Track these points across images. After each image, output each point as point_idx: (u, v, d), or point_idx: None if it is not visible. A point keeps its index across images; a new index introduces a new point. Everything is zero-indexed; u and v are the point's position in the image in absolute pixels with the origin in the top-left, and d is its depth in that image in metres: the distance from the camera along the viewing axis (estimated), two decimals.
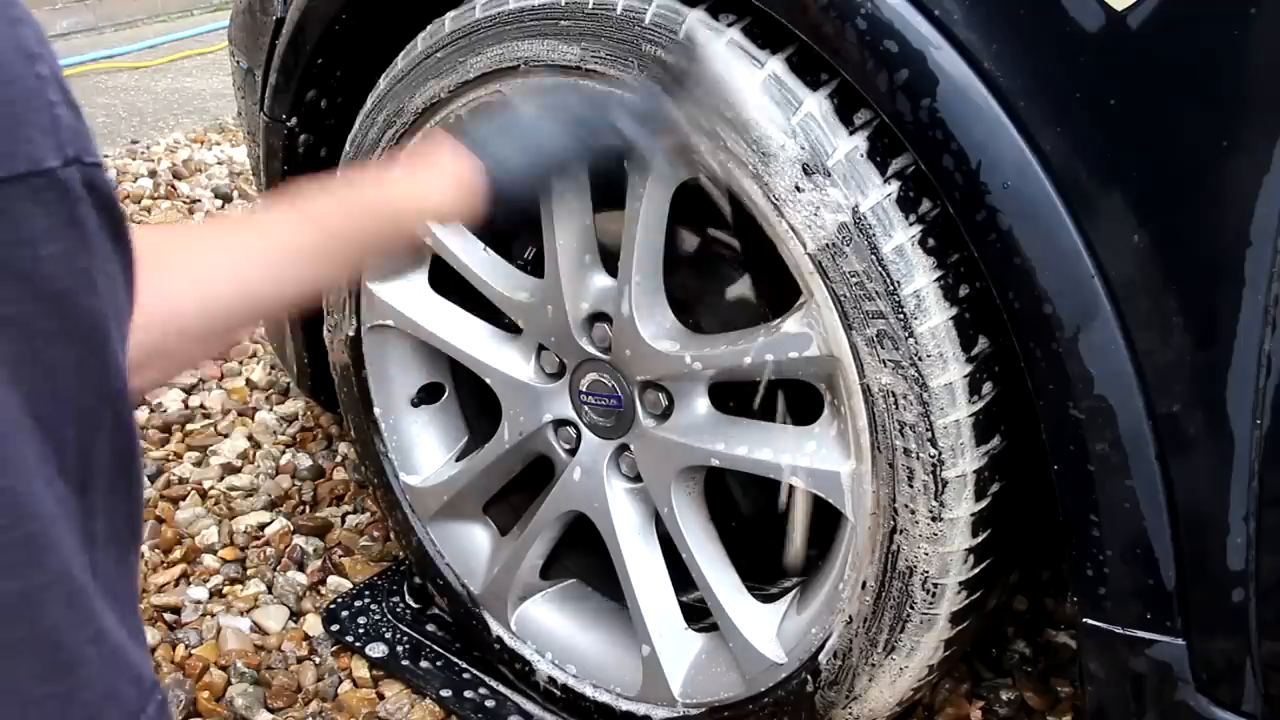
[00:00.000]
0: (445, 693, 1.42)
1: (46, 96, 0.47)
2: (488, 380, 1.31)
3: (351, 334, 1.40)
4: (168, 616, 1.58)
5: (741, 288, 1.20)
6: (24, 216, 0.46)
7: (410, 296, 1.34)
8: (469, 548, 1.43)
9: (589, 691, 1.32)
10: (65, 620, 0.50)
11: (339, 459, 1.93)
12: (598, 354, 1.19)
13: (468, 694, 1.42)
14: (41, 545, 0.49)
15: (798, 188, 0.94)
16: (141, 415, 2.05)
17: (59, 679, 0.50)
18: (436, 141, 0.96)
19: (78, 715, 0.52)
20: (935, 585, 0.99)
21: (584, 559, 1.38)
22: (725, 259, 1.20)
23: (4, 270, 0.46)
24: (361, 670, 1.48)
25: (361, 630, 1.52)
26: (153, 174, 3.19)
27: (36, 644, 0.49)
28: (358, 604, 1.57)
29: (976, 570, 1.00)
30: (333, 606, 1.57)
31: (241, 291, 0.79)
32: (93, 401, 0.51)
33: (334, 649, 1.51)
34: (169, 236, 0.86)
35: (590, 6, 1.03)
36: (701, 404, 1.14)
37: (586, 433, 1.25)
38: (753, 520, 1.30)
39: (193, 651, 1.51)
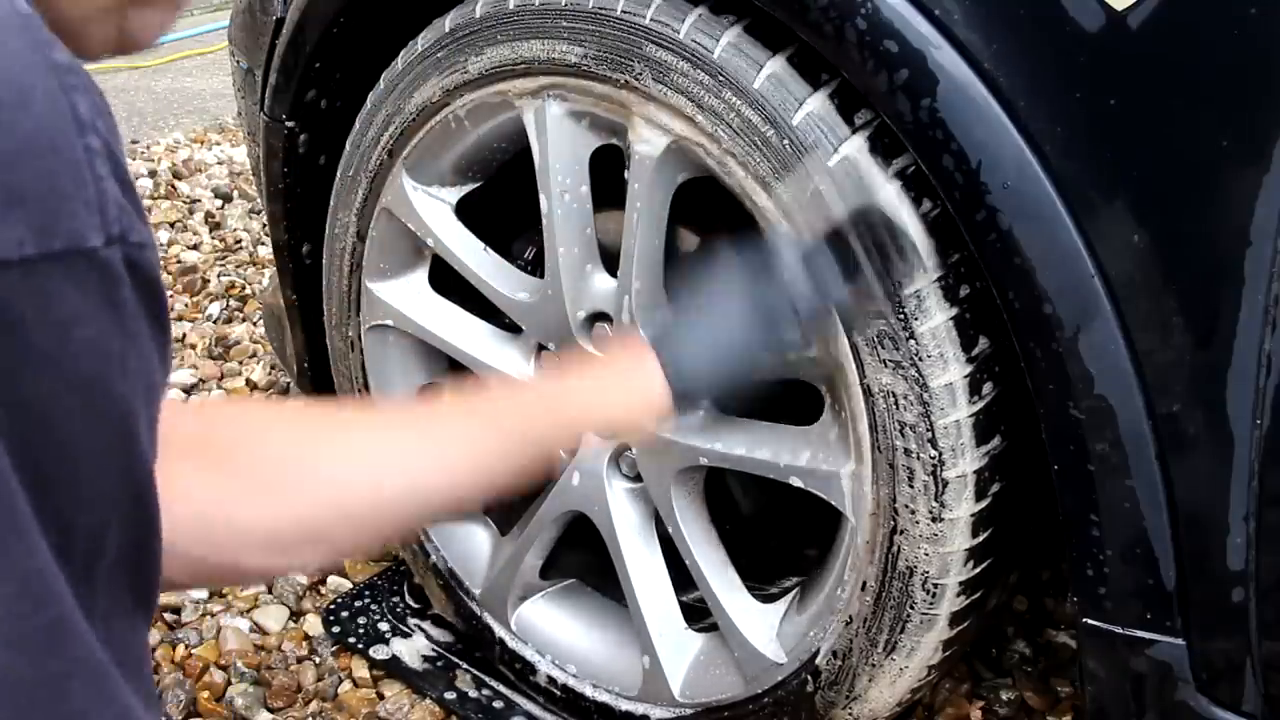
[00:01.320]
0: (445, 693, 1.42)
1: (95, 170, 0.45)
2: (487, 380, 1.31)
3: (353, 334, 1.40)
4: (168, 616, 1.58)
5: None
6: (58, 296, 0.44)
7: (410, 296, 1.34)
8: (469, 548, 1.43)
9: (589, 691, 1.32)
10: (90, 703, 0.49)
11: None
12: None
13: (468, 694, 1.42)
14: (67, 629, 0.47)
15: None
16: None
17: None
18: (626, 343, 0.91)
19: None
20: (935, 586, 0.99)
21: (584, 559, 1.38)
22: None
23: (30, 351, 0.44)
24: (361, 670, 1.48)
25: (361, 630, 1.52)
26: (153, 174, 3.19)
27: None
28: (358, 604, 1.57)
29: (976, 571, 1.00)
30: (333, 606, 1.57)
31: (412, 485, 0.77)
32: (111, 487, 0.49)
33: (334, 649, 1.51)
34: (350, 420, 0.84)
35: (590, 6, 1.03)
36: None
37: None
38: (753, 520, 1.30)
39: (193, 651, 1.51)
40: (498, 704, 1.41)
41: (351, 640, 1.51)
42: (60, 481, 0.46)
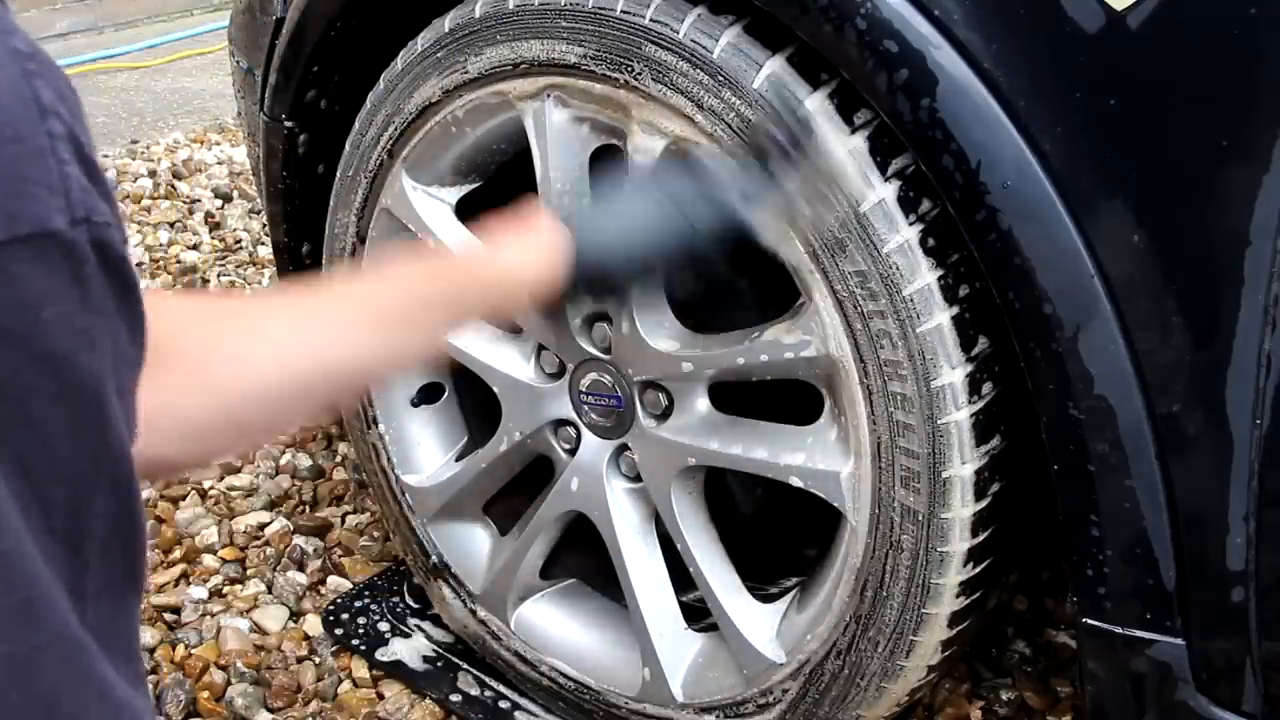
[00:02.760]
0: (445, 693, 1.42)
1: (58, 154, 0.46)
2: (488, 380, 1.31)
3: None
4: (168, 616, 1.58)
5: (742, 288, 1.19)
6: (25, 279, 0.46)
7: None
8: (469, 548, 1.43)
9: (589, 691, 1.32)
10: (64, 679, 0.50)
11: (339, 459, 1.93)
12: (598, 354, 1.19)
13: (468, 694, 1.42)
14: (39, 608, 0.48)
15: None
16: None
17: None
18: (532, 214, 0.95)
19: None
20: (935, 585, 0.99)
21: (584, 559, 1.38)
22: (725, 259, 1.20)
23: (2, 333, 0.45)
24: (361, 670, 1.48)
25: (361, 630, 1.52)
26: (152, 174, 3.19)
27: (34, 704, 0.49)
28: (358, 604, 1.57)
29: (976, 571, 1.00)
30: (333, 607, 1.57)
31: (322, 359, 0.78)
32: (87, 463, 0.50)
33: (334, 649, 1.51)
34: (246, 304, 0.86)
35: (590, 6, 1.03)
36: (701, 404, 1.14)
37: (586, 433, 1.24)
38: (753, 520, 1.30)
39: (193, 651, 1.51)
40: (498, 704, 1.41)
41: (351, 640, 1.51)
42: (36, 461, 0.47)
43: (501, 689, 1.42)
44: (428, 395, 1.44)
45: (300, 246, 1.48)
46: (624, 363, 1.16)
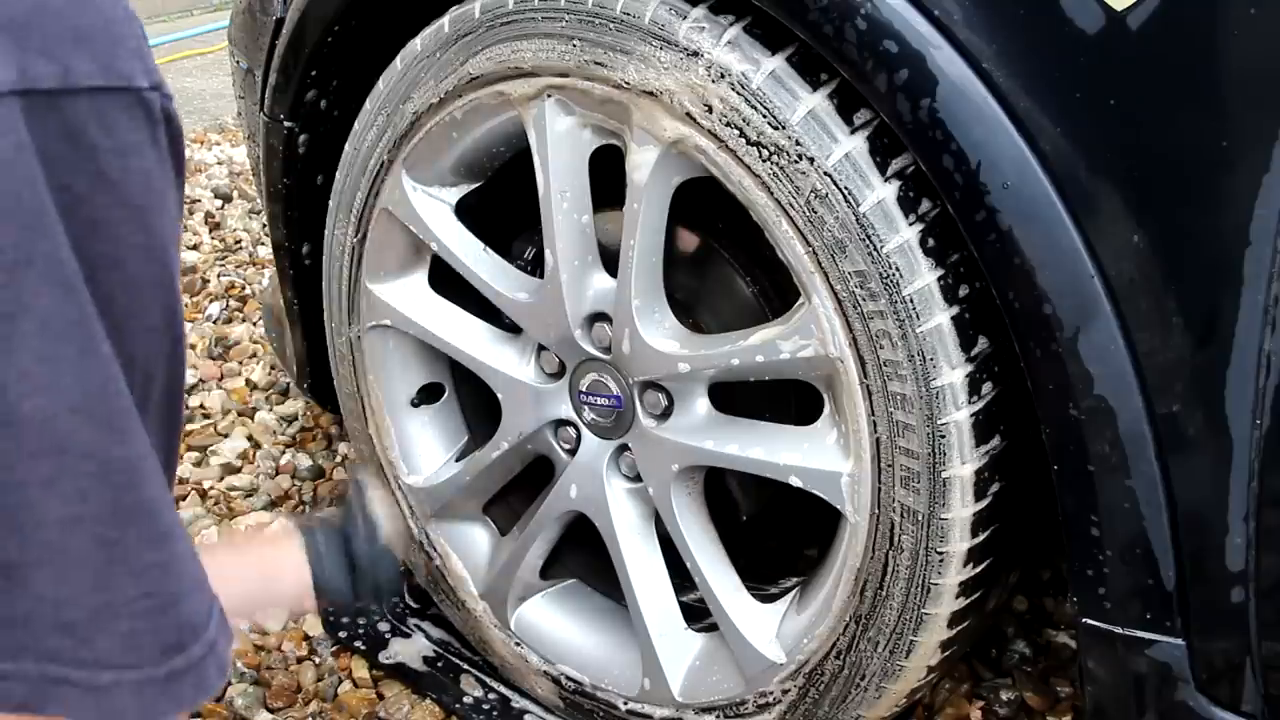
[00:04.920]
0: (445, 693, 1.42)
1: (135, 28, 0.52)
2: (487, 380, 1.31)
3: (353, 335, 1.40)
4: None
5: (741, 287, 1.19)
6: (119, 126, 0.50)
7: (410, 296, 1.34)
8: (468, 548, 1.43)
9: (589, 691, 1.32)
10: (159, 493, 0.53)
11: (339, 459, 1.93)
12: (598, 354, 1.19)
13: (468, 694, 1.42)
14: (134, 420, 0.52)
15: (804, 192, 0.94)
16: None
17: (160, 547, 0.54)
18: (276, 537, 1.01)
19: (171, 587, 0.54)
20: (934, 586, 0.99)
21: (584, 559, 1.38)
22: (725, 259, 1.20)
23: (99, 175, 0.49)
24: (361, 670, 1.48)
25: (361, 630, 1.52)
26: None
27: (144, 511, 0.52)
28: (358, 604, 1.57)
29: (976, 571, 1.00)
30: (333, 607, 1.57)
31: None
32: (160, 322, 0.54)
33: (334, 649, 1.51)
34: None
35: (589, 6, 1.03)
36: (701, 404, 1.14)
37: (586, 433, 1.24)
38: (753, 520, 1.30)
39: None
40: (498, 704, 1.41)
41: (351, 640, 1.51)
42: (121, 305, 0.51)
43: (501, 688, 1.42)
44: (428, 395, 1.44)
45: (300, 247, 1.48)
46: (624, 363, 1.16)
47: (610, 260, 1.15)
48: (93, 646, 0.52)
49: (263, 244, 2.71)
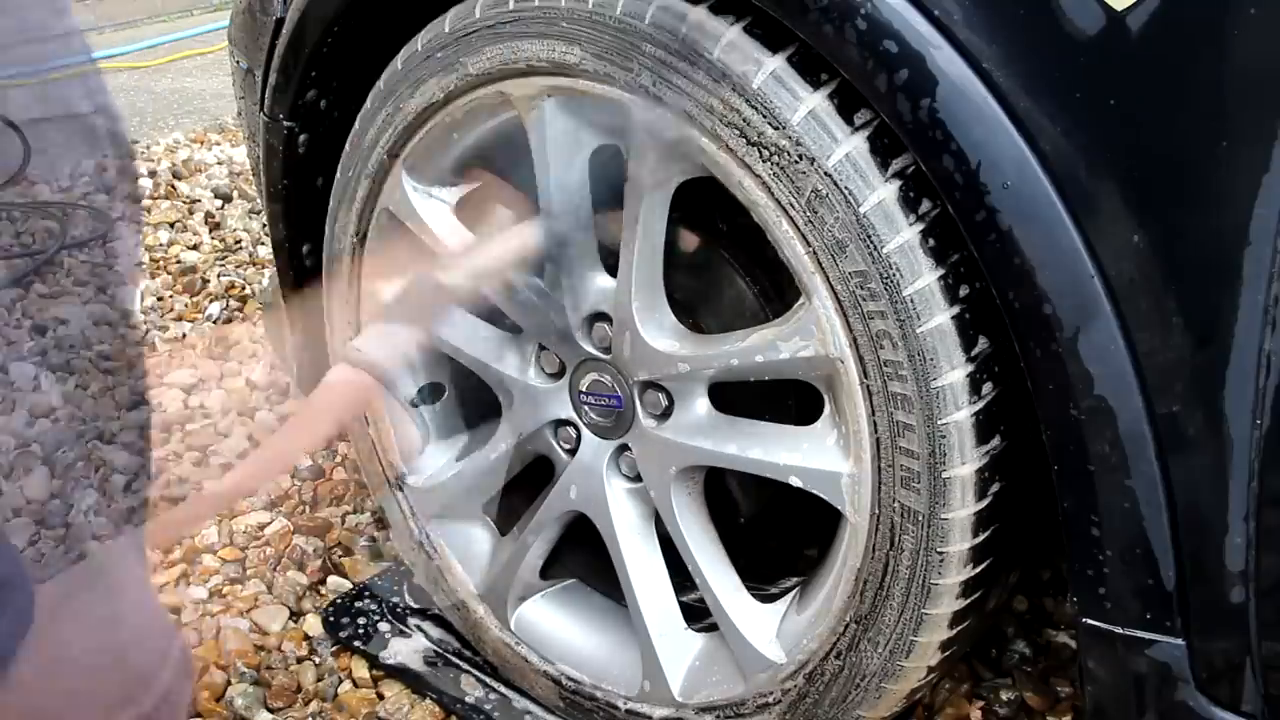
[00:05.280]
0: (445, 693, 1.42)
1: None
2: (487, 381, 1.31)
3: (353, 334, 1.40)
4: None
5: (742, 288, 1.19)
6: None
7: None
8: (469, 548, 1.43)
9: (589, 691, 1.32)
10: None
11: (339, 459, 1.93)
12: (598, 354, 1.19)
13: (468, 694, 1.42)
14: None
15: (806, 190, 0.94)
16: (141, 415, 2.05)
17: None
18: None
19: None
20: (935, 586, 0.99)
21: (584, 559, 1.38)
22: (725, 259, 1.20)
23: None
24: (361, 670, 1.48)
25: (361, 630, 1.52)
26: (153, 174, 3.19)
27: None
28: (358, 604, 1.57)
29: (976, 571, 1.00)
30: (333, 607, 1.57)
31: None
32: None
33: (334, 649, 1.51)
34: None
35: (590, 7, 1.03)
36: (701, 404, 1.14)
37: (586, 433, 1.24)
38: (753, 520, 1.30)
39: (193, 651, 1.50)
40: (498, 704, 1.40)
41: (351, 640, 1.51)
42: None
43: (501, 688, 1.42)
44: (428, 395, 1.44)
45: (300, 246, 1.48)
46: (624, 363, 1.16)
47: (610, 260, 1.15)
48: None
49: (263, 244, 2.71)
